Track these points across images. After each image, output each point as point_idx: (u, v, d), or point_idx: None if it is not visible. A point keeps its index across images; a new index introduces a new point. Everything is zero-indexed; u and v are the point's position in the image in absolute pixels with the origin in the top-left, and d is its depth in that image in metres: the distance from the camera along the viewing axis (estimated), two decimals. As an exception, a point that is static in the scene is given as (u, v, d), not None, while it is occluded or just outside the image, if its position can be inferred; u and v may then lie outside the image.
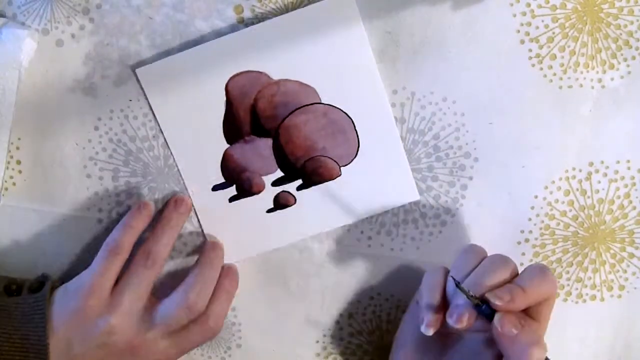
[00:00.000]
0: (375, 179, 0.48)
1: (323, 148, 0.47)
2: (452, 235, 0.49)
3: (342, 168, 0.48)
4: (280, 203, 0.48)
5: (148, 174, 0.48)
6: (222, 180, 0.48)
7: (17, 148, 0.48)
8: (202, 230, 0.49)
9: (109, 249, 0.46)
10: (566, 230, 0.49)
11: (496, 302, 0.39)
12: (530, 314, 0.41)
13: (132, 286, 0.45)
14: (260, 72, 0.46)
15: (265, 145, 0.48)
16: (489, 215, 0.49)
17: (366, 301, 0.51)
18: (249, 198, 0.48)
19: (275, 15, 0.46)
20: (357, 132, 0.47)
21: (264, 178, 0.48)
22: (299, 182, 0.48)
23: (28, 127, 0.48)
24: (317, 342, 0.52)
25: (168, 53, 0.46)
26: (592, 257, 0.50)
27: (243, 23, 0.46)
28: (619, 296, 0.51)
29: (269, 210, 0.49)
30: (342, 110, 0.47)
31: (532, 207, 0.49)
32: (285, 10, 0.46)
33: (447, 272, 0.43)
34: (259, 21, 0.46)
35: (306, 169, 0.48)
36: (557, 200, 0.49)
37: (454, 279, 0.41)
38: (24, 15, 0.46)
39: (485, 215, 0.49)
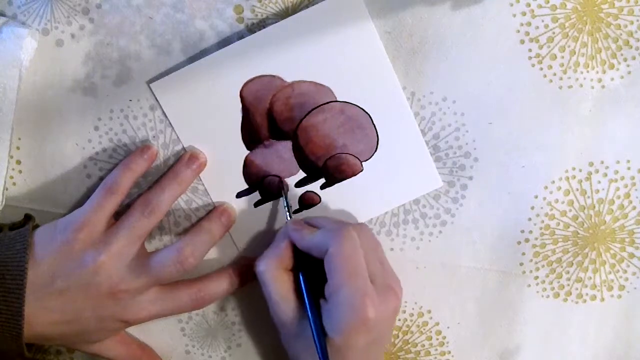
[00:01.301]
0: (397, 170, 0.48)
1: (343, 145, 0.47)
2: (452, 235, 0.49)
3: (363, 163, 0.48)
4: (306, 203, 0.49)
5: (148, 174, 0.48)
6: (246, 186, 0.48)
7: (17, 148, 0.48)
8: (232, 238, 0.50)
9: (105, 187, 0.45)
10: (566, 230, 0.49)
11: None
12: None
13: (126, 230, 0.45)
14: (274, 76, 0.46)
15: (285, 148, 0.48)
16: (489, 215, 0.49)
17: (366, 301, 0.51)
18: (274, 201, 0.49)
19: (276, 15, 0.46)
20: (375, 126, 0.47)
21: (287, 180, 0.48)
22: (322, 181, 0.48)
23: (28, 127, 0.48)
24: (317, 342, 0.52)
25: (168, 53, 0.46)
26: (592, 257, 0.50)
27: (243, 23, 0.46)
28: (619, 296, 0.51)
29: (295, 211, 0.49)
30: (358, 106, 0.47)
31: (532, 207, 0.49)
32: (286, 10, 0.46)
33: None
34: (259, 21, 0.46)
35: (328, 168, 0.48)
36: (557, 200, 0.49)
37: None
38: (24, 15, 0.46)
39: (485, 215, 0.49)
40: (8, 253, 0.43)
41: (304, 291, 0.44)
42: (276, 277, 0.45)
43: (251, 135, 0.47)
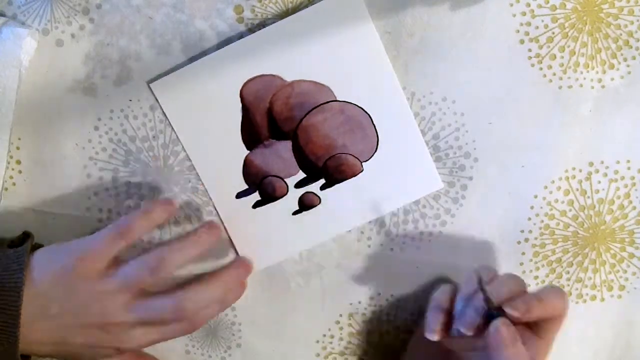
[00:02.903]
0: (397, 171, 0.48)
1: (343, 145, 0.47)
2: (452, 235, 0.49)
3: (363, 164, 0.48)
4: (306, 204, 0.49)
5: (148, 174, 0.48)
6: (245, 186, 0.48)
7: (17, 148, 0.48)
8: (230, 238, 0.49)
9: (119, 229, 0.44)
10: (566, 230, 0.49)
11: (512, 313, 0.39)
12: (537, 330, 0.41)
13: (128, 279, 0.43)
14: (274, 75, 0.46)
15: (285, 148, 0.48)
16: (489, 215, 0.49)
17: (366, 301, 0.51)
18: (273, 202, 0.49)
19: (276, 15, 0.46)
20: (375, 127, 0.47)
21: (287, 180, 0.48)
22: (322, 181, 0.48)
23: (28, 127, 0.48)
24: (317, 342, 0.52)
25: (168, 53, 0.46)
26: (592, 257, 0.50)
27: (243, 23, 0.46)
28: (619, 296, 0.51)
29: (295, 212, 0.49)
30: (358, 106, 0.47)
31: (532, 207, 0.49)
32: (286, 10, 0.46)
33: (454, 290, 0.43)
34: (259, 21, 0.46)
35: (328, 168, 0.48)
36: (557, 200, 0.49)
37: (479, 279, 0.41)
38: (24, 15, 0.46)
39: (485, 215, 0.49)
40: (5, 274, 0.42)
41: None
42: None
43: (251, 135, 0.47)
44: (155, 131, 0.48)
